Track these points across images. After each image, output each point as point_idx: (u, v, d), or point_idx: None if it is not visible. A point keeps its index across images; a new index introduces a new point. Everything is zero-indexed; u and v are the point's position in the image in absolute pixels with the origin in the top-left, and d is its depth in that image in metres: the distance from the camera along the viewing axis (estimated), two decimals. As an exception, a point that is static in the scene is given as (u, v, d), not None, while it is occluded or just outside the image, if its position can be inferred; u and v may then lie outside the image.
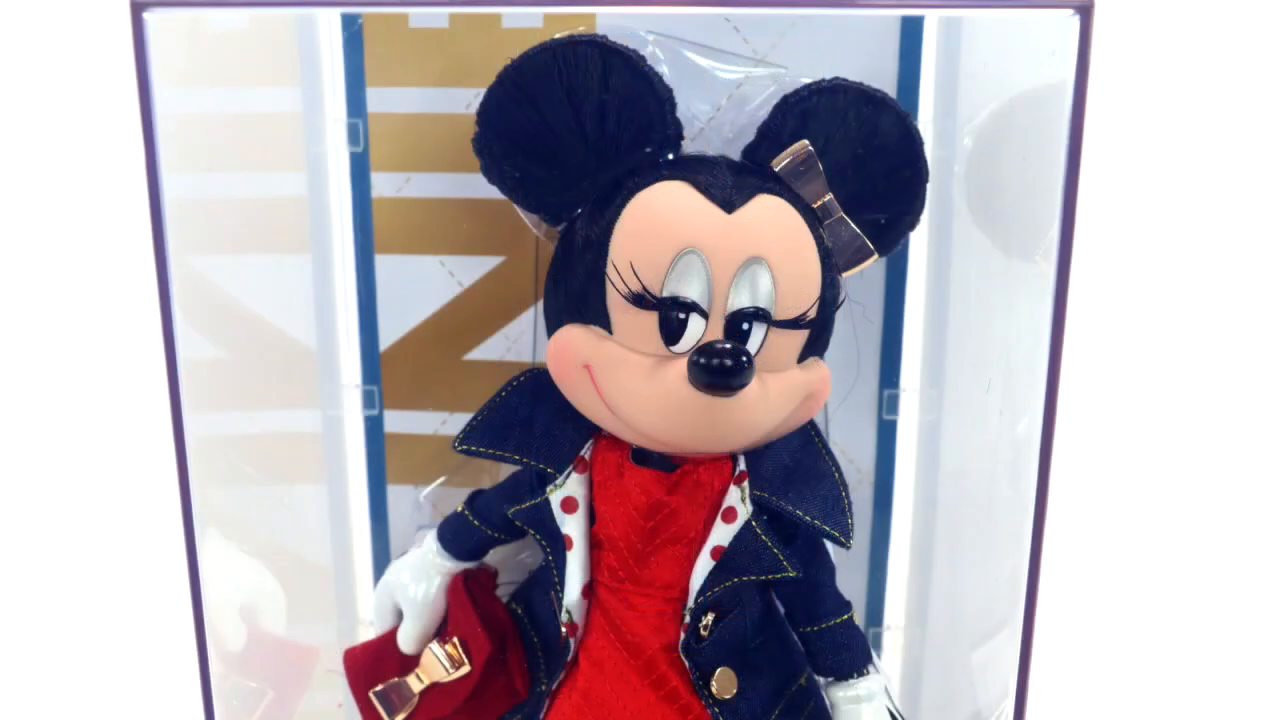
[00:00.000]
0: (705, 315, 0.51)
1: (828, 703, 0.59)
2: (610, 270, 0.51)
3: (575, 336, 0.53)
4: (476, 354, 0.65)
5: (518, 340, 0.64)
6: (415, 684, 0.61)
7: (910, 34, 0.59)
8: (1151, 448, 1.04)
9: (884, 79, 0.58)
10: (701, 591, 0.55)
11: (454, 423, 0.65)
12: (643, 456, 0.55)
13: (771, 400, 0.53)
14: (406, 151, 0.62)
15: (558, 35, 0.52)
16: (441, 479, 0.67)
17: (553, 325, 0.55)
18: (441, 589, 0.62)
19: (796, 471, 0.56)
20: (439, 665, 0.60)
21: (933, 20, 0.59)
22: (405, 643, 0.62)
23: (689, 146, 0.55)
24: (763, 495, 0.54)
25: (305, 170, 0.63)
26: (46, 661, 0.91)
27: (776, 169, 0.53)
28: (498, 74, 0.53)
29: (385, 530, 0.68)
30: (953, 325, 0.64)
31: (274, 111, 0.63)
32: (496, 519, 0.60)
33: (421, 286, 0.64)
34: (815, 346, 0.55)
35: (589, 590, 0.57)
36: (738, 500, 0.55)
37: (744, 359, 0.49)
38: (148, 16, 0.55)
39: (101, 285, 1.03)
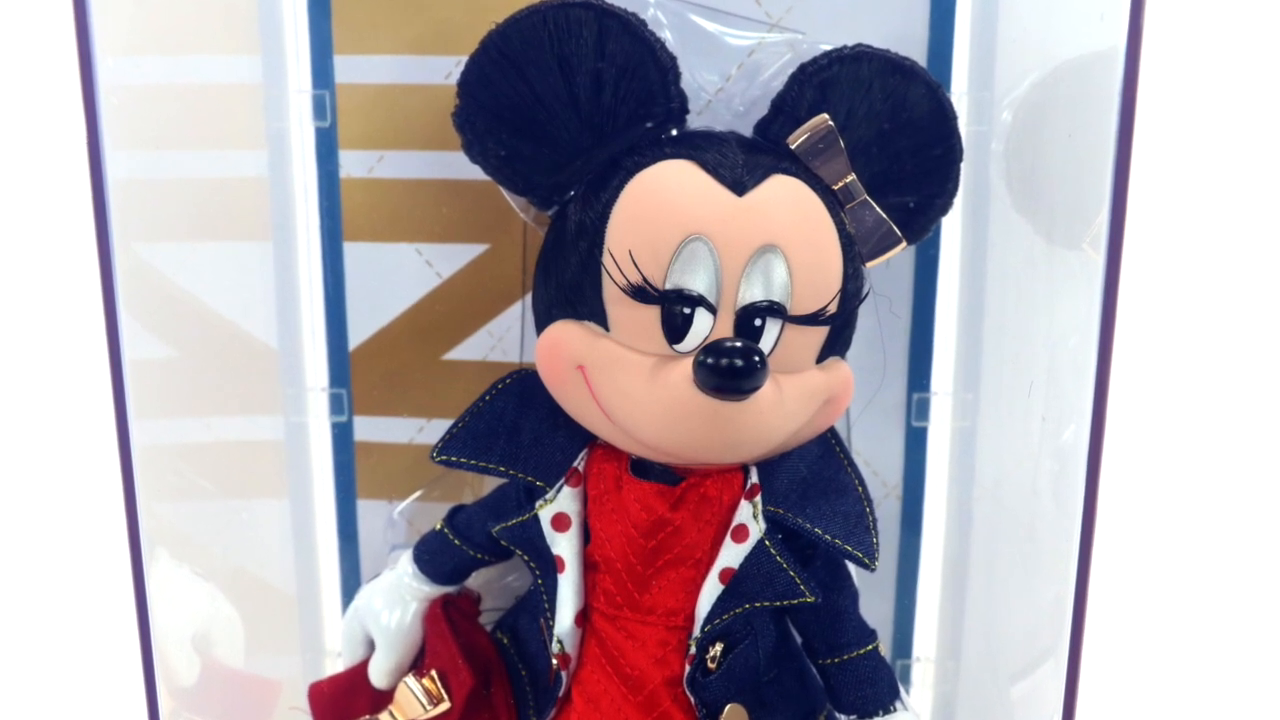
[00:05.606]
0: (713, 310, 0.51)
1: (850, 743, 0.59)
2: (607, 260, 0.51)
3: (568, 334, 0.53)
4: (457, 353, 0.65)
5: (503, 338, 0.64)
6: (389, 722, 0.61)
7: (942, -5, 0.59)
8: (1211, 458, 1.04)
9: (913, 45, 0.58)
10: (709, 619, 0.54)
11: (431, 430, 0.65)
12: (643, 468, 0.55)
13: (787, 405, 0.53)
14: (379, 127, 0.62)
15: (548, -3, 0.52)
16: (418, 493, 0.67)
17: (542, 321, 0.55)
18: (418, 616, 0.62)
19: (815, 485, 0.56)
20: (415, 701, 0.60)
21: (967, -20, 0.59)
22: (377, 676, 0.62)
23: (695, 121, 0.55)
24: (777, 511, 0.54)
25: (266, 148, 0.63)
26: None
27: (793, 146, 0.53)
28: (481, 40, 0.53)
29: (355, 550, 0.68)
30: (990, 321, 0.64)
31: (231, 82, 0.63)
32: (479, 538, 0.60)
33: (395, 278, 0.64)
34: (836, 345, 0.55)
35: (583, 618, 0.57)
36: (749, 517, 0.55)
37: (756, 359, 0.49)
38: (89, -24, 0.55)
39: (38, 276, 1.03)
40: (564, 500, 0.56)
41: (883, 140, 0.54)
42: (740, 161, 0.51)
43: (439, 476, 0.66)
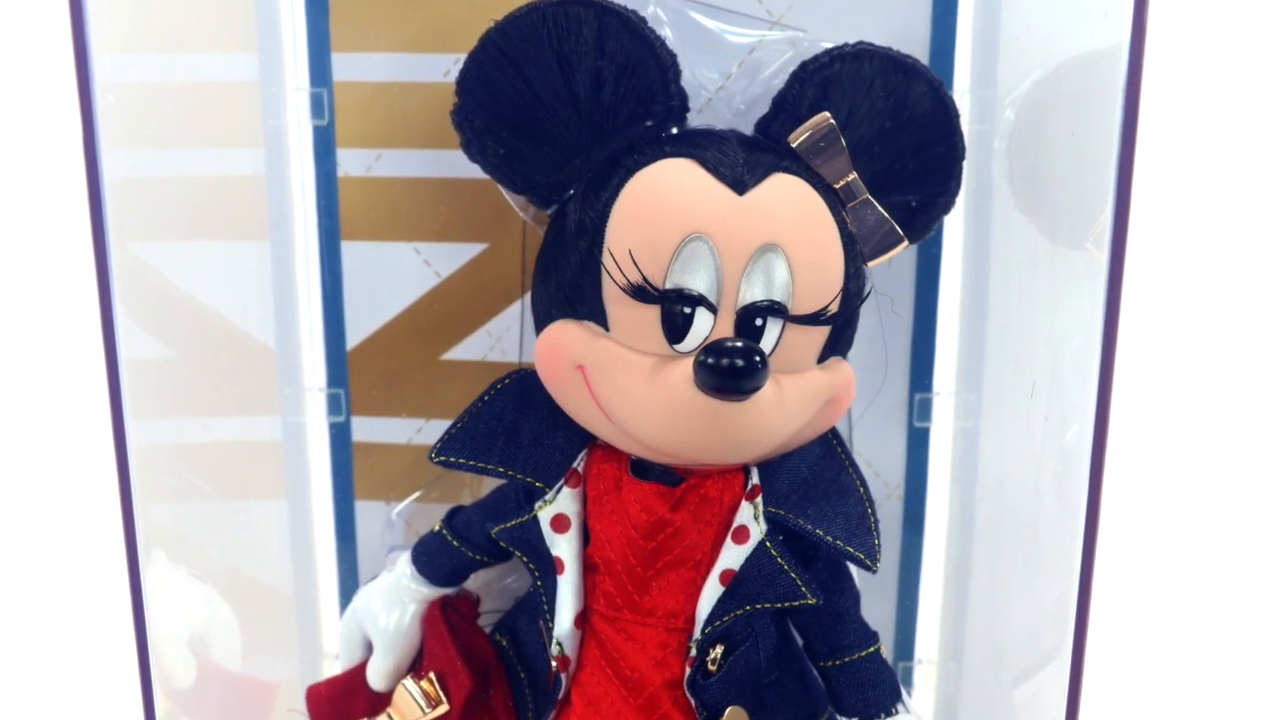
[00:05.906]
0: (714, 309, 0.51)
1: (851, 746, 0.59)
2: (607, 259, 0.51)
3: (567, 334, 0.53)
4: (455, 353, 0.65)
5: (502, 338, 0.64)
6: (387, 725, 0.61)
7: (944, -8, 0.59)
8: (1214, 458, 1.04)
9: (915, 43, 0.58)
10: (709, 621, 0.55)
11: (430, 430, 0.65)
12: (643, 469, 0.55)
13: (788, 405, 0.53)
14: (377, 125, 0.62)
15: (547, -6, 0.52)
16: (416, 494, 0.67)
17: (542, 321, 0.55)
18: (416, 618, 0.62)
19: (816, 485, 0.56)
20: (413, 704, 0.60)
21: (970, -23, 0.59)
22: (375, 678, 0.62)
23: (695, 119, 0.55)
24: (778, 512, 0.54)
25: (263, 146, 0.63)
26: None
27: (794, 145, 0.53)
28: (480, 38, 0.53)
29: (353, 551, 0.68)
30: (992, 321, 0.64)
31: (228, 80, 0.63)
32: (478, 539, 0.60)
33: (394, 277, 0.64)
34: (837, 345, 0.55)
35: (582, 619, 0.57)
36: (750, 518, 0.55)
37: (757, 359, 0.49)
38: (85, -27, 0.55)
39: (33, 276, 1.03)
40: (563, 501, 0.56)
41: (884, 138, 0.54)
42: (741, 160, 0.51)
43: (437, 477, 0.66)
